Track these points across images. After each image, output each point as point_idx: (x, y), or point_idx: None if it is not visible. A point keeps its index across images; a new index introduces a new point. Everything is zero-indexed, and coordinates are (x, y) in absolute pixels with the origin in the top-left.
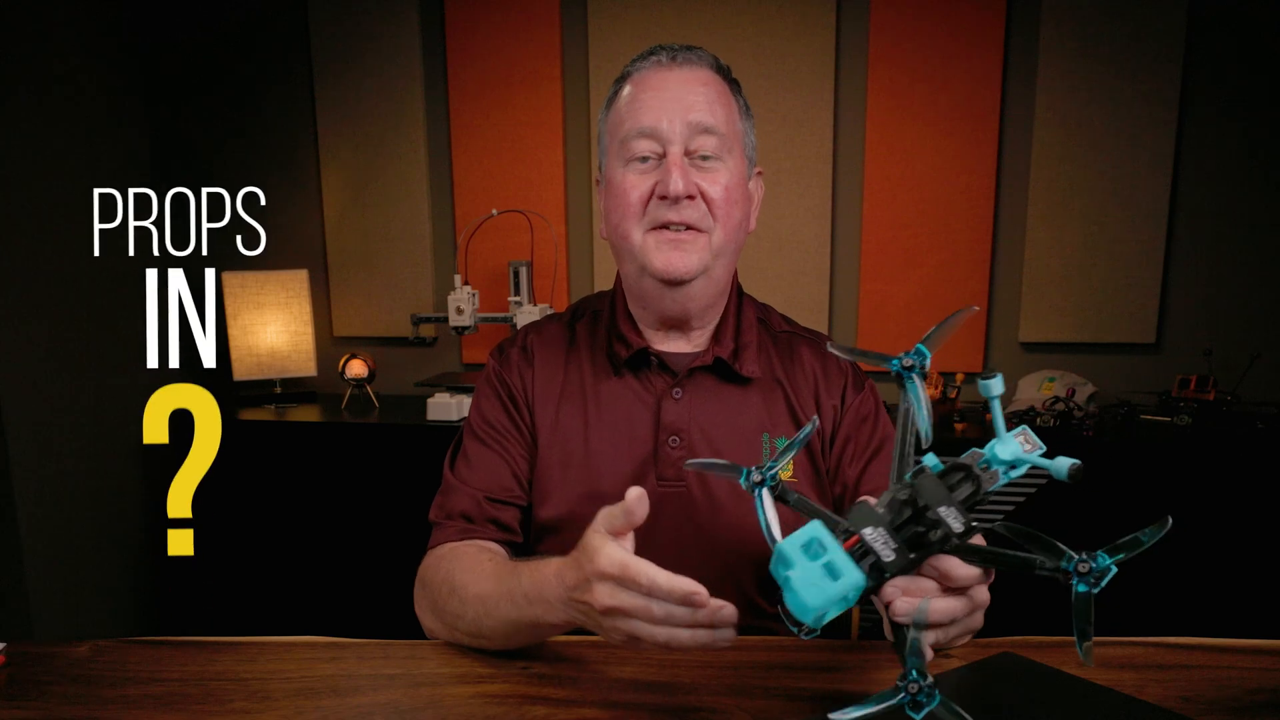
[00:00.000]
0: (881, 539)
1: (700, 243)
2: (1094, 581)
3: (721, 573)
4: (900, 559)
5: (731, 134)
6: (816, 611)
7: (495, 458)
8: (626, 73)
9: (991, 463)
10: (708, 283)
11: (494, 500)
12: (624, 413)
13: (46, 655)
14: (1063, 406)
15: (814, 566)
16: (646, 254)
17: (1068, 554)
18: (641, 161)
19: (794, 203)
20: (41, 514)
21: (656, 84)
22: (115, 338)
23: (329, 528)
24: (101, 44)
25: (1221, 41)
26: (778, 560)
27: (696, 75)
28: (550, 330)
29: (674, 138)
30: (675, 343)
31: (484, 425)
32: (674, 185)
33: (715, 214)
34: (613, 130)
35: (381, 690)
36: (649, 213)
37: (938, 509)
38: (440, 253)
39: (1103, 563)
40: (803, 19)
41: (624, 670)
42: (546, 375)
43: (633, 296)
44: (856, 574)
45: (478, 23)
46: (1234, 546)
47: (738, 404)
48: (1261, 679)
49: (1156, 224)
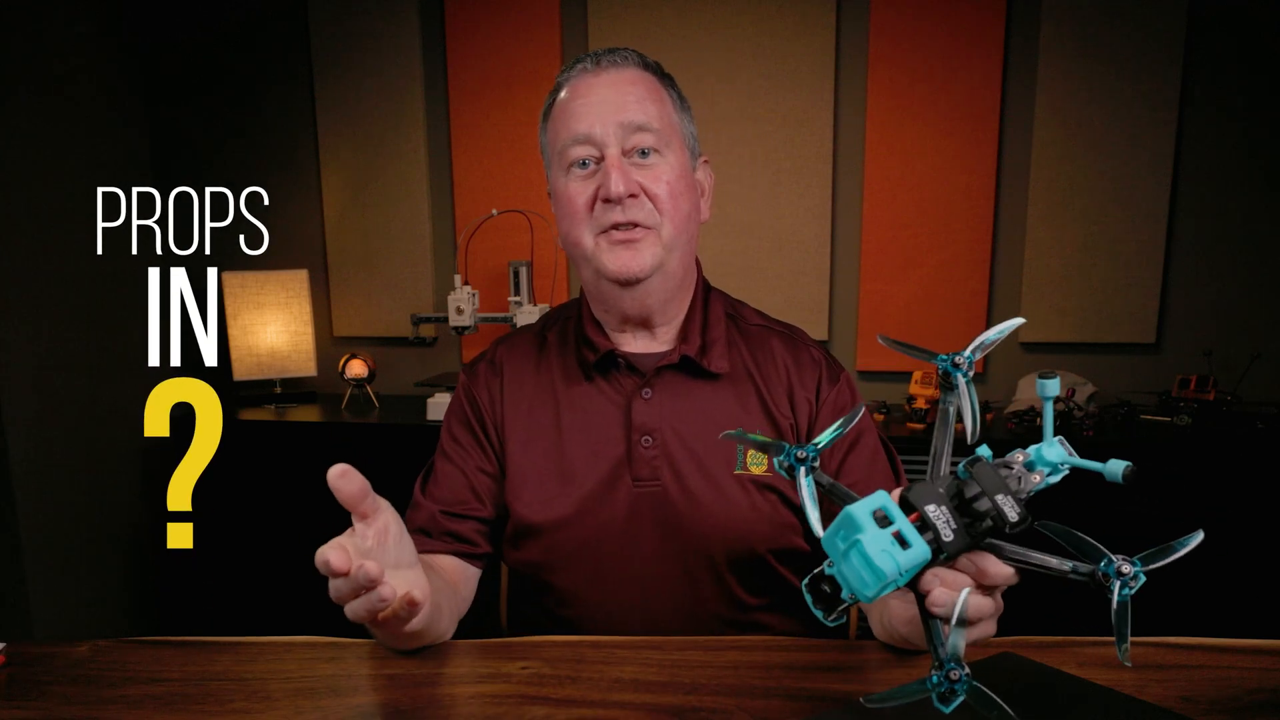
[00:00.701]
0: (944, 517)
1: (650, 239)
2: (1131, 585)
3: (702, 568)
4: (959, 541)
5: (667, 128)
6: (883, 580)
7: (455, 472)
8: (558, 83)
9: (1037, 464)
10: (664, 278)
11: (449, 514)
12: (596, 416)
13: (46, 655)
14: (1063, 406)
15: (884, 534)
16: (599, 257)
17: (1108, 557)
18: (581, 167)
19: (794, 203)
20: (41, 514)
21: (584, 90)
22: (115, 337)
23: (329, 528)
24: (102, 44)
25: (1221, 41)
26: (843, 526)
27: (624, 75)
28: (520, 342)
29: (609, 140)
30: (642, 342)
31: (449, 440)
32: (614, 186)
33: (661, 209)
34: (551, 141)
35: (381, 690)
36: (595, 217)
37: (994, 496)
38: (440, 253)
39: (1138, 568)
40: (803, 19)
41: (624, 670)
42: (516, 385)
43: (594, 300)
44: (925, 546)
45: (478, 23)
46: (1234, 546)
47: (708, 400)
48: (1261, 679)
49: (1156, 224)
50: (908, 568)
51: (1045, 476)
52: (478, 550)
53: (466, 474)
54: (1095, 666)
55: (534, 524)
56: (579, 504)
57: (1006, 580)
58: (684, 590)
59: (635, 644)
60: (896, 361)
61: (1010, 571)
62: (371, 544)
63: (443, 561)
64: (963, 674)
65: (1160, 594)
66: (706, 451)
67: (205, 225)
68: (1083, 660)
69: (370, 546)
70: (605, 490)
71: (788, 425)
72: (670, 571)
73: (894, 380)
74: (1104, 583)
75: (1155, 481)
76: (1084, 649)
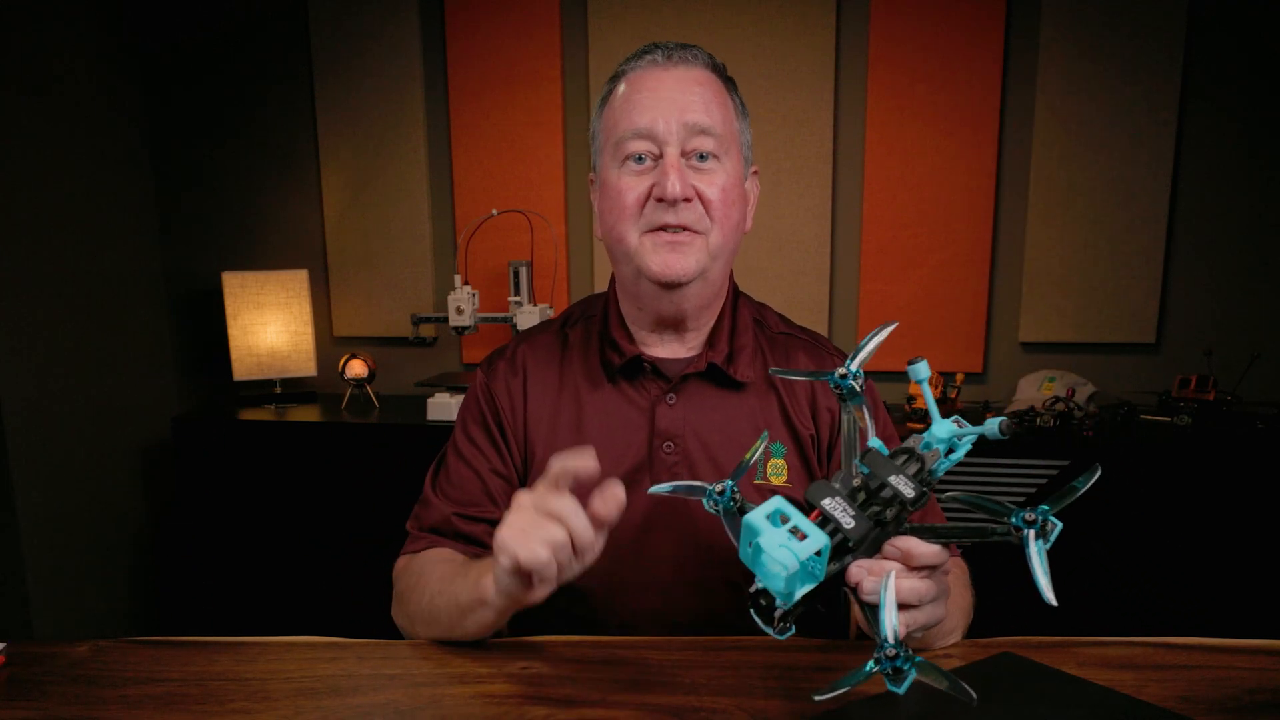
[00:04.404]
0: (840, 507)
1: (697, 244)
2: (1043, 534)
3: (719, 576)
4: (861, 525)
5: (728, 134)
6: (788, 573)
7: (469, 473)
8: (621, 71)
9: (930, 444)
10: (704, 285)
11: (463, 516)
12: (618, 419)
13: (46, 655)
14: (1063, 406)
15: (780, 531)
16: (643, 256)
17: (1014, 510)
18: (637, 162)
19: (794, 203)
20: (41, 514)
21: (652, 84)
22: (116, 337)
23: (329, 528)
24: (101, 44)
25: (1221, 41)
26: (744, 535)
27: (692, 75)
28: (542, 339)
29: (670, 139)
30: (669, 346)
31: (464, 439)
32: (671, 188)
33: (713, 215)
34: (607, 130)
35: (381, 690)
36: (645, 215)
37: (889, 479)
38: (440, 253)
39: (1041, 510)
40: (803, 19)
41: (624, 670)
42: (539, 385)
43: (628, 298)
44: (822, 535)
45: (478, 23)
46: (1234, 546)
47: (732, 409)
48: (1261, 679)
49: (1156, 224)
50: (806, 556)
51: (944, 454)
52: (488, 553)
53: (481, 475)
54: (1095, 666)
55: None
56: None
57: (934, 559)
58: (699, 596)
59: (635, 644)
60: (896, 361)
61: (935, 549)
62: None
63: (456, 553)
64: (901, 652)
65: (1160, 594)
66: (728, 460)
67: (204, 226)
68: (1082, 660)
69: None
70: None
71: (808, 436)
72: (685, 577)
73: (894, 380)
74: (1020, 535)
75: (1155, 481)
76: (1084, 649)
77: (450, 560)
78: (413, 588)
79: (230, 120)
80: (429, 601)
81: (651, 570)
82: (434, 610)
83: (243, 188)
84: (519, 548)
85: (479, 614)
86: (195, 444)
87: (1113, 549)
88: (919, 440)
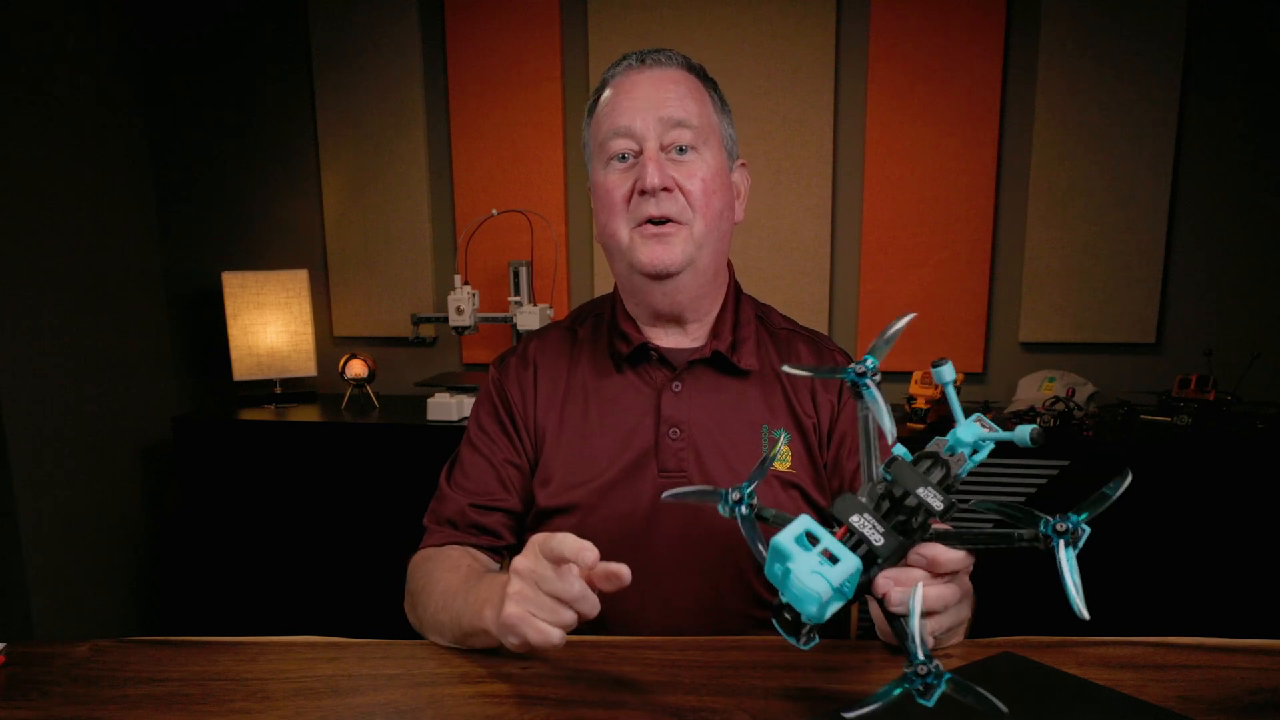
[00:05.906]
0: (870, 524)
1: (682, 235)
2: (1073, 542)
3: (725, 563)
4: (890, 543)
5: (706, 126)
6: (821, 598)
7: (483, 464)
8: (604, 80)
9: (956, 447)
10: (695, 274)
11: (478, 506)
12: (625, 406)
13: (46, 655)
14: (1063, 406)
15: (811, 555)
16: (633, 250)
17: (1043, 518)
18: (620, 160)
19: (794, 203)
20: (41, 514)
21: (628, 86)
22: (116, 337)
23: (329, 528)
24: (101, 44)
25: (1221, 41)
26: (773, 557)
27: (666, 74)
28: (552, 335)
29: (648, 134)
30: (674, 338)
31: (477, 432)
32: (650, 178)
33: (694, 205)
34: (594, 135)
35: (381, 690)
36: (632, 210)
37: (916, 491)
38: (440, 253)
39: (1074, 520)
40: (803, 19)
41: (624, 670)
42: (549, 378)
43: (627, 294)
44: (853, 558)
45: (478, 23)
46: (1234, 546)
47: (736, 396)
48: (1261, 679)
49: (1156, 224)
50: (840, 582)
51: (969, 456)
52: (501, 543)
53: (495, 465)
54: (1095, 666)
55: (557, 504)
56: (603, 490)
57: (959, 564)
58: (704, 584)
59: (635, 644)
60: (896, 361)
61: (960, 555)
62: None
63: (468, 555)
64: (931, 667)
65: (1160, 594)
66: (732, 446)
67: (203, 226)
68: (1083, 660)
69: None
70: (630, 479)
71: (811, 424)
72: (691, 564)
73: (894, 380)
74: (1048, 544)
75: (1155, 481)
76: (1084, 649)
77: (456, 569)
78: (422, 590)
79: (230, 120)
80: (433, 615)
81: (657, 554)
82: (439, 624)
83: (242, 188)
84: (529, 631)
85: (480, 639)
86: (195, 444)
87: (1113, 549)
88: (943, 443)
